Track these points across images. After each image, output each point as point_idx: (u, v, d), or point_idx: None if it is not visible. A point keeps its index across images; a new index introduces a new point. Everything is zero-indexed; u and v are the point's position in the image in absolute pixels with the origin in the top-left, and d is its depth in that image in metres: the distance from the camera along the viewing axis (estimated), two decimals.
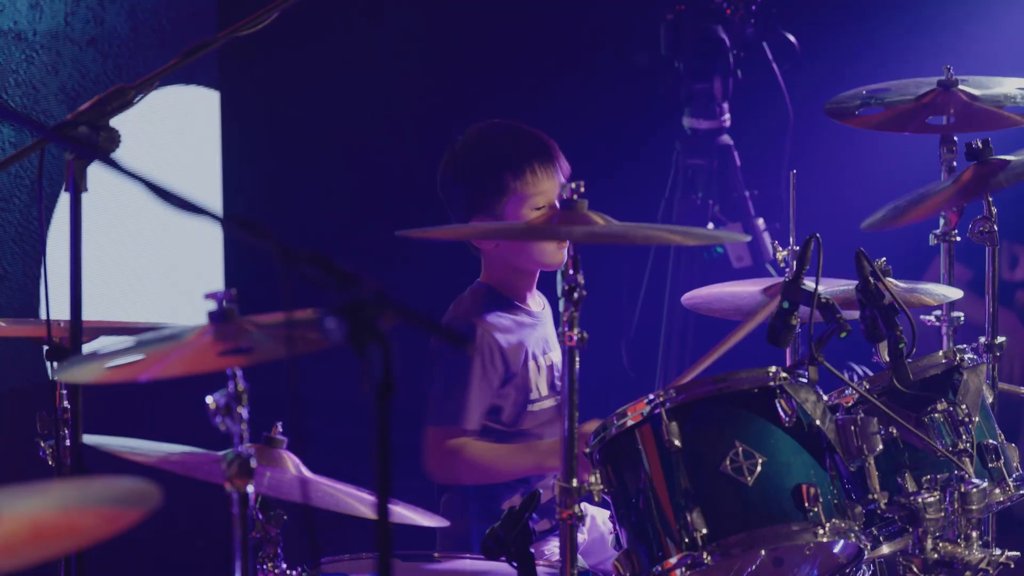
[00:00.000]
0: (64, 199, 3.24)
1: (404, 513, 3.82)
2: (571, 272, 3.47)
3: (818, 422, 3.71)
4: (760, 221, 6.95)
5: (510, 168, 4.38)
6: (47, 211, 5.10)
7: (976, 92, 4.64)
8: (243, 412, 2.96)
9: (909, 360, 3.83)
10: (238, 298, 3.04)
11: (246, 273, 6.16)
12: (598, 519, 4.42)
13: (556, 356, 4.43)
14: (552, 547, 4.26)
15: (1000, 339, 4.44)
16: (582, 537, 4.37)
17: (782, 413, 3.68)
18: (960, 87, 4.64)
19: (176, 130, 6.10)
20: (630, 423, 3.68)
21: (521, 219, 4.35)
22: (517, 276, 4.45)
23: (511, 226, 4.30)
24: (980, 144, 4.36)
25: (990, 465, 3.91)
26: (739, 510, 3.61)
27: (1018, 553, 3.95)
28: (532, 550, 3.61)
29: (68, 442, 3.58)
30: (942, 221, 4.58)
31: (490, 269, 4.48)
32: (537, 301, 4.51)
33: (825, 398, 3.78)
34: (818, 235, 3.79)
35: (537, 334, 4.44)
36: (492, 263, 4.47)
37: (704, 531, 3.59)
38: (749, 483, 3.62)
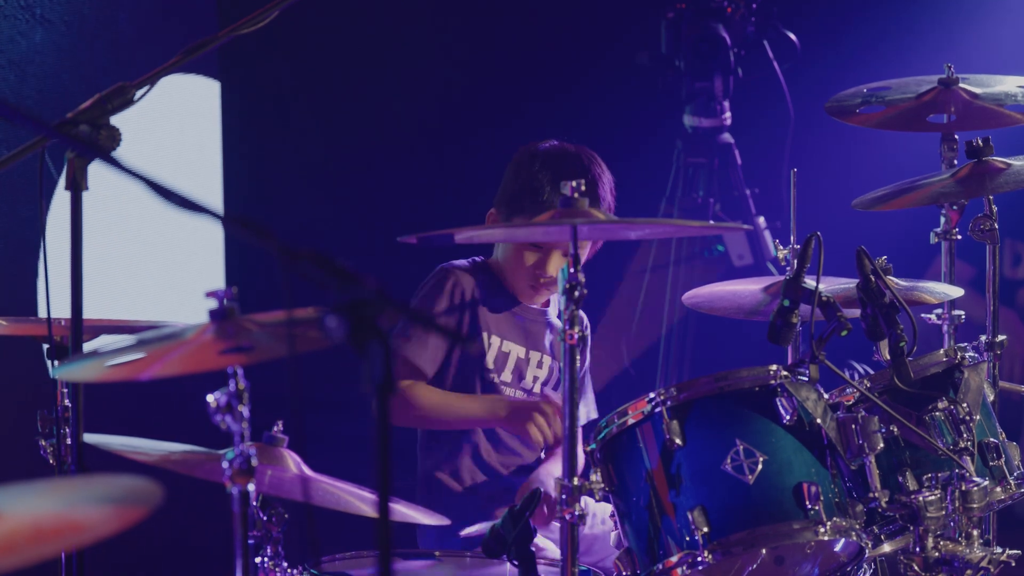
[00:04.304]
0: (64, 197, 3.23)
1: (405, 512, 3.82)
2: (572, 270, 3.47)
3: (819, 420, 3.71)
4: (761, 219, 6.96)
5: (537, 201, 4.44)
6: (45, 209, 5.09)
7: (977, 90, 4.63)
8: (244, 411, 2.96)
9: (910, 358, 3.83)
10: (239, 296, 3.03)
11: (247, 271, 6.15)
12: (599, 516, 4.41)
13: (525, 354, 4.48)
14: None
15: (1001, 337, 4.43)
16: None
17: (783, 411, 3.68)
18: (961, 85, 4.63)
19: (176, 119, 6.09)
20: (631, 421, 3.69)
21: (518, 246, 4.44)
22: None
23: (494, 230, 4.40)
24: (980, 142, 4.35)
25: (991, 463, 3.91)
26: (740, 508, 3.61)
27: (1019, 551, 3.95)
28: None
29: (69, 441, 3.57)
30: (943, 219, 4.58)
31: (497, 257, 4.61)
32: (533, 300, 4.55)
33: (826, 396, 3.77)
34: (819, 233, 3.79)
35: (515, 323, 4.49)
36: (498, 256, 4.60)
37: (705, 529, 3.59)
38: (750, 481, 3.62)
